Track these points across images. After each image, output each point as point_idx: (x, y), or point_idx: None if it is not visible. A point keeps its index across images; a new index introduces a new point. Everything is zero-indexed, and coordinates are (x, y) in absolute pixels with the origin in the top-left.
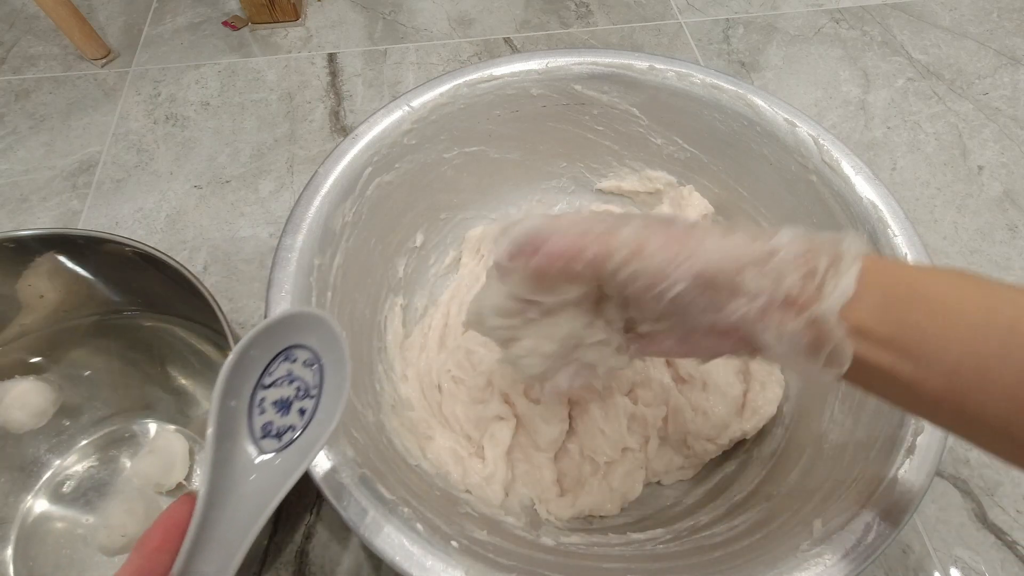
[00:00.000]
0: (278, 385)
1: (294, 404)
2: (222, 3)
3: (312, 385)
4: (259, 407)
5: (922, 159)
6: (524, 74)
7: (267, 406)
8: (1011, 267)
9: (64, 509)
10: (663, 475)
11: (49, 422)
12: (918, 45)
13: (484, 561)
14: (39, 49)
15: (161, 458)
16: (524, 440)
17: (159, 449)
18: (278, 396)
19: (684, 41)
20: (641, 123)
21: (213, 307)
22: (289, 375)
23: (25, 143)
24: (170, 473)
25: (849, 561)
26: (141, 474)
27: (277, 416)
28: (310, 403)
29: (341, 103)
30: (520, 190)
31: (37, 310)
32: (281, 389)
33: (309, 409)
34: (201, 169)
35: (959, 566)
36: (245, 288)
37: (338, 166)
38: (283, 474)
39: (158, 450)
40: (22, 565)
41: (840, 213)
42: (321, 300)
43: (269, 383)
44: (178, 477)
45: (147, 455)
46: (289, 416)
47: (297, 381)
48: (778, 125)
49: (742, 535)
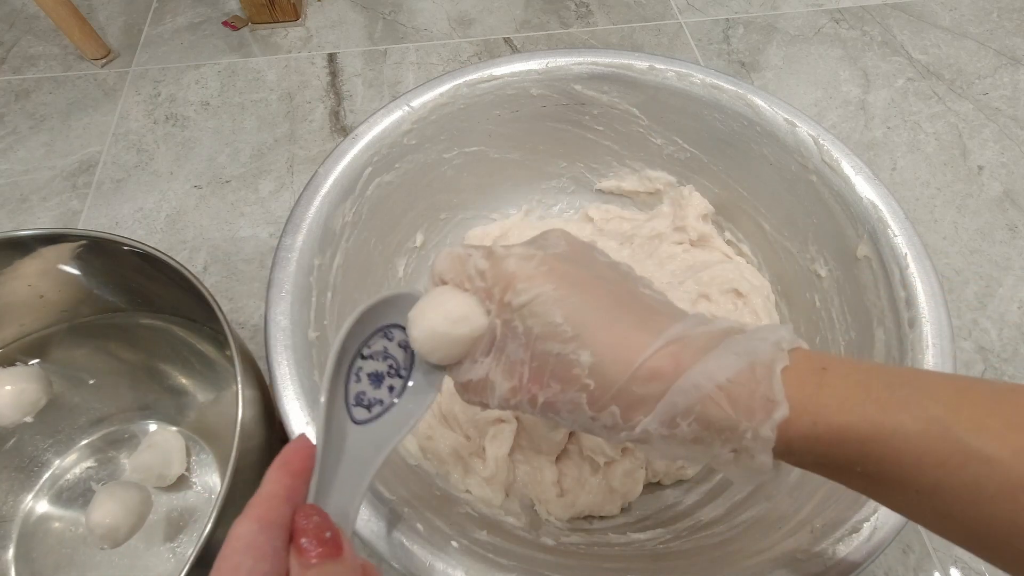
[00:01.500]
0: (375, 359)
1: (385, 380)
2: (222, 3)
3: (403, 366)
4: (356, 375)
5: (922, 159)
6: (524, 74)
7: (363, 376)
8: (1011, 267)
9: (64, 509)
10: (663, 475)
11: (49, 422)
12: (918, 45)
13: (484, 561)
14: (39, 49)
15: (159, 453)
16: (525, 442)
17: (157, 444)
18: (373, 369)
19: (684, 41)
20: (641, 123)
21: (213, 307)
22: (384, 351)
23: (25, 143)
24: (169, 466)
25: (849, 561)
26: (141, 468)
27: (370, 388)
28: (399, 382)
29: (341, 103)
30: (520, 190)
31: (37, 310)
32: (376, 363)
33: (397, 388)
34: (201, 169)
35: (959, 566)
36: (245, 288)
37: (338, 166)
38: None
39: (156, 445)
40: (23, 565)
41: (840, 213)
42: (321, 300)
43: (367, 355)
44: (178, 470)
45: (145, 450)
46: (380, 390)
47: (391, 359)
48: (778, 125)
49: (742, 535)
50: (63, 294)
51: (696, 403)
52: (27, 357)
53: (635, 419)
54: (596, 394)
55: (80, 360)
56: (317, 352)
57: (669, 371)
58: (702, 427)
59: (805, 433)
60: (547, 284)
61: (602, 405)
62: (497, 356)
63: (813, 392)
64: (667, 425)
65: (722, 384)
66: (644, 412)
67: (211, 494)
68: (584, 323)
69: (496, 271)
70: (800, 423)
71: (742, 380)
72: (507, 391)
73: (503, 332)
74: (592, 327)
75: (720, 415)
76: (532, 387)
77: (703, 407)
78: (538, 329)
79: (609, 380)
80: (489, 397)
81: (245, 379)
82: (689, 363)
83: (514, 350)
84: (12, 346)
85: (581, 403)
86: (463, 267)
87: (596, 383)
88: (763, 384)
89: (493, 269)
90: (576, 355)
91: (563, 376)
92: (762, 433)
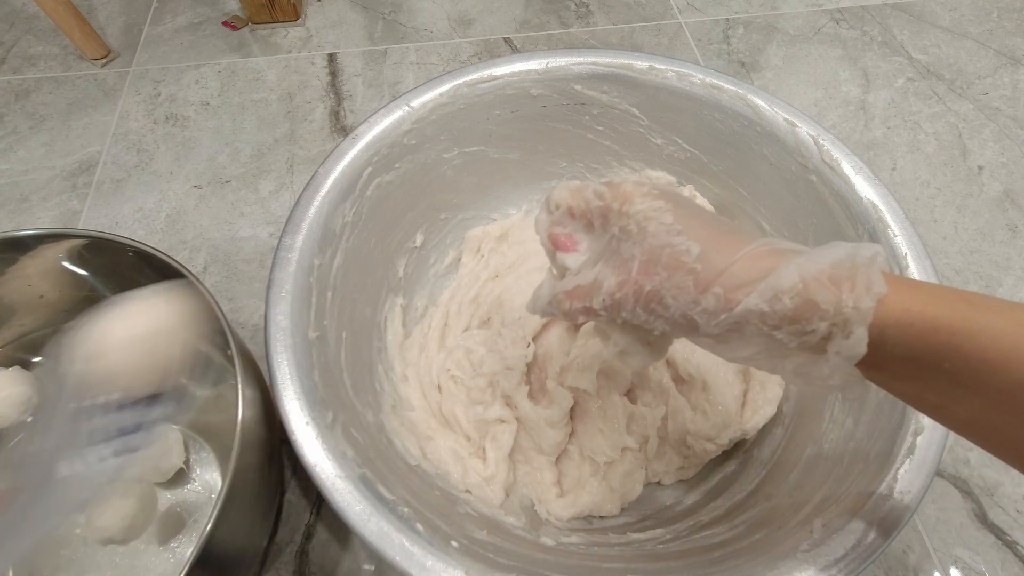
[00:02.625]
0: None
1: None
2: (222, 3)
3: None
4: None
5: (922, 159)
6: (524, 74)
7: None
8: (1011, 267)
9: None
10: (663, 475)
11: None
12: (918, 45)
13: (484, 561)
14: (39, 49)
15: (156, 445)
16: (526, 443)
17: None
18: None
19: (684, 41)
20: (641, 123)
21: (213, 307)
22: None
23: (25, 143)
24: (167, 458)
25: (849, 561)
26: (138, 462)
27: None
28: None
29: (341, 103)
30: (520, 190)
31: (37, 310)
32: None
33: None
34: (201, 169)
35: (959, 566)
36: (245, 288)
37: (338, 166)
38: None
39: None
40: (22, 566)
41: (840, 213)
42: (321, 300)
43: None
44: (177, 462)
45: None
46: None
47: None
48: (778, 125)
49: (742, 535)
50: (63, 294)
51: (799, 283)
52: (27, 356)
53: (737, 298)
54: (703, 276)
55: None
56: (317, 352)
57: (770, 261)
58: (803, 301)
59: (899, 320)
60: (659, 200)
61: (707, 286)
62: (608, 258)
63: (908, 287)
64: (769, 302)
65: (823, 269)
66: (746, 292)
67: (211, 494)
68: (690, 225)
69: (615, 192)
70: (895, 309)
71: (843, 268)
72: (614, 285)
73: (618, 237)
74: (697, 228)
75: (823, 291)
76: (640, 278)
77: (806, 286)
78: (652, 227)
79: (715, 265)
80: (594, 297)
81: (245, 379)
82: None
83: (627, 248)
84: (12, 346)
85: (688, 286)
86: (581, 194)
87: (703, 267)
88: (862, 273)
89: (612, 191)
90: (686, 246)
91: (672, 264)
92: (863, 304)
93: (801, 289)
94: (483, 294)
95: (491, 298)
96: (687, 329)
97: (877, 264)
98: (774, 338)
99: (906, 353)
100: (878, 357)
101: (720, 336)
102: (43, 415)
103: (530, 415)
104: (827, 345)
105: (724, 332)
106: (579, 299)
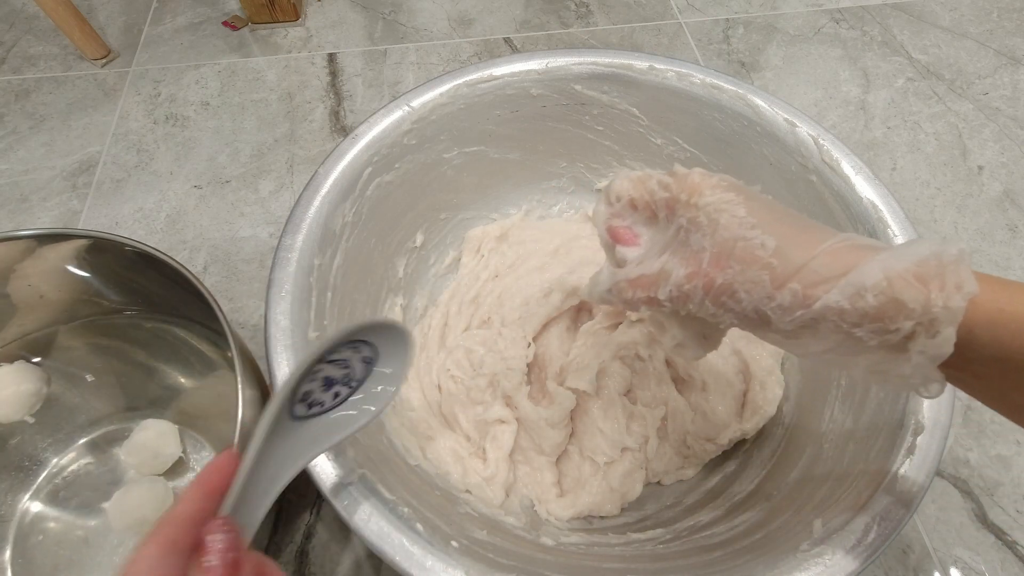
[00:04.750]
0: (335, 364)
1: (335, 386)
2: (222, 3)
3: (356, 378)
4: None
5: (922, 159)
6: (524, 74)
7: (318, 377)
8: (1011, 267)
9: (62, 510)
10: (663, 475)
11: (48, 420)
12: (918, 45)
13: (484, 561)
14: (39, 49)
15: (152, 435)
16: (526, 443)
17: (149, 427)
18: (329, 373)
19: (684, 41)
20: (641, 123)
21: (213, 307)
22: (346, 362)
23: (25, 143)
24: (164, 447)
25: (849, 561)
26: (135, 451)
27: (319, 389)
28: (346, 392)
29: (341, 103)
30: (520, 190)
31: (37, 310)
32: (334, 369)
33: (342, 396)
34: (201, 169)
35: (959, 566)
36: (245, 288)
37: (338, 166)
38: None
39: (148, 428)
40: (21, 566)
41: (840, 213)
42: (321, 300)
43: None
44: (174, 452)
45: (139, 432)
46: (326, 393)
47: (348, 369)
48: (778, 125)
49: (742, 535)
50: (63, 294)
51: (883, 280)
52: (28, 356)
53: (816, 294)
54: (779, 271)
55: (80, 359)
56: None
57: (851, 258)
58: (888, 299)
59: (991, 318)
60: (729, 192)
61: (783, 282)
62: (675, 249)
63: (999, 286)
64: (851, 299)
65: (909, 267)
66: (826, 289)
67: None
68: (764, 220)
69: (682, 183)
70: (988, 308)
71: (929, 266)
72: (683, 277)
73: (687, 228)
74: (772, 223)
75: (910, 290)
76: (711, 270)
77: (891, 284)
78: (724, 219)
79: (792, 261)
80: (660, 287)
81: (245, 379)
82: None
83: (696, 240)
84: (12, 346)
85: (763, 281)
86: (645, 184)
87: (779, 262)
88: (951, 271)
89: (679, 182)
90: (760, 240)
91: (746, 258)
92: (953, 304)
93: (886, 287)
94: (483, 294)
95: (491, 298)
96: (757, 324)
97: (965, 261)
98: (852, 335)
99: (997, 353)
100: (963, 357)
101: (792, 332)
102: None
103: (531, 415)
104: (909, 344)
105: (797, 328)
106: (643, 288)
